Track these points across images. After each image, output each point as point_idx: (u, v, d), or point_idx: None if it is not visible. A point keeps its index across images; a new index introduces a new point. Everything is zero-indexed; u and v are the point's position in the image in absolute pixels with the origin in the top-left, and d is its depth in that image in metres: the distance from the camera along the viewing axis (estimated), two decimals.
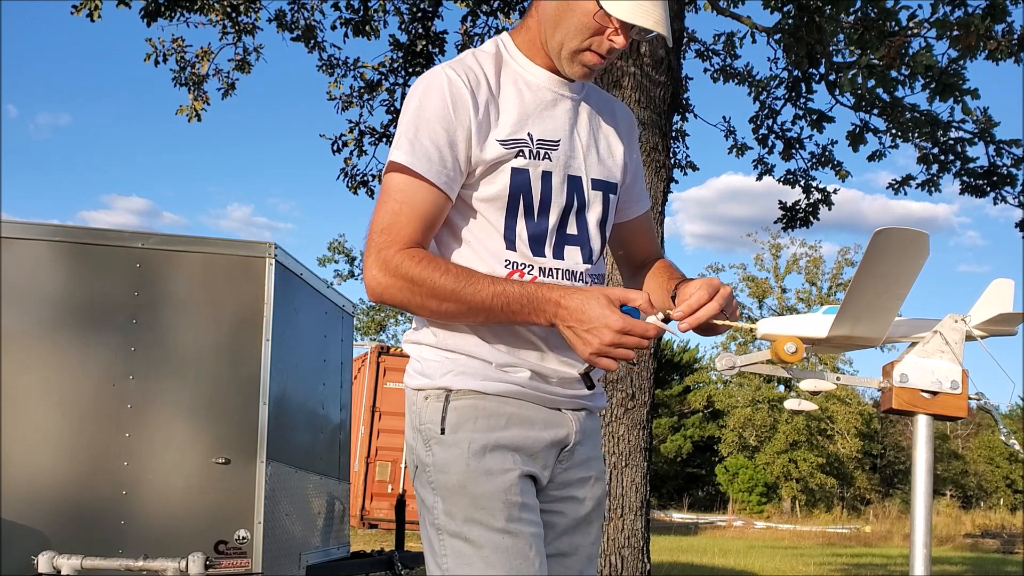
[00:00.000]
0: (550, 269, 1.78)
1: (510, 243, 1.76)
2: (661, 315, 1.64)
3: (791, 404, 1.99)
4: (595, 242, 1.85)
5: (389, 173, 1.75)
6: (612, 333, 1.60)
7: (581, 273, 1.81)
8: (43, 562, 3.48)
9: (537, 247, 1.77)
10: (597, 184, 1.85)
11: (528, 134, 1.77)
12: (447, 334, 1.77)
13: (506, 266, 1.75)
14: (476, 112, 1.72)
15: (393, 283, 1.68)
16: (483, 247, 1.76)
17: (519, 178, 1.75)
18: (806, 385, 1.78)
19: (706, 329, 1.71)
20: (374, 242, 1.71)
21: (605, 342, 1.61)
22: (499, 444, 1.72)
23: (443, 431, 1.73)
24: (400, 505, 6.65)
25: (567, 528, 1.84)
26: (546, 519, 1.81)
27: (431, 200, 1.71)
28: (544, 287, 1.67)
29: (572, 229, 1.81)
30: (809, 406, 1.96)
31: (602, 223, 1.87)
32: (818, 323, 1.74)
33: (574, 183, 1.81)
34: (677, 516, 28.91)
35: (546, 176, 1.77)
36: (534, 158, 1.76)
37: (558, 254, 1.79)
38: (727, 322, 1.68)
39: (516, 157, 1.75)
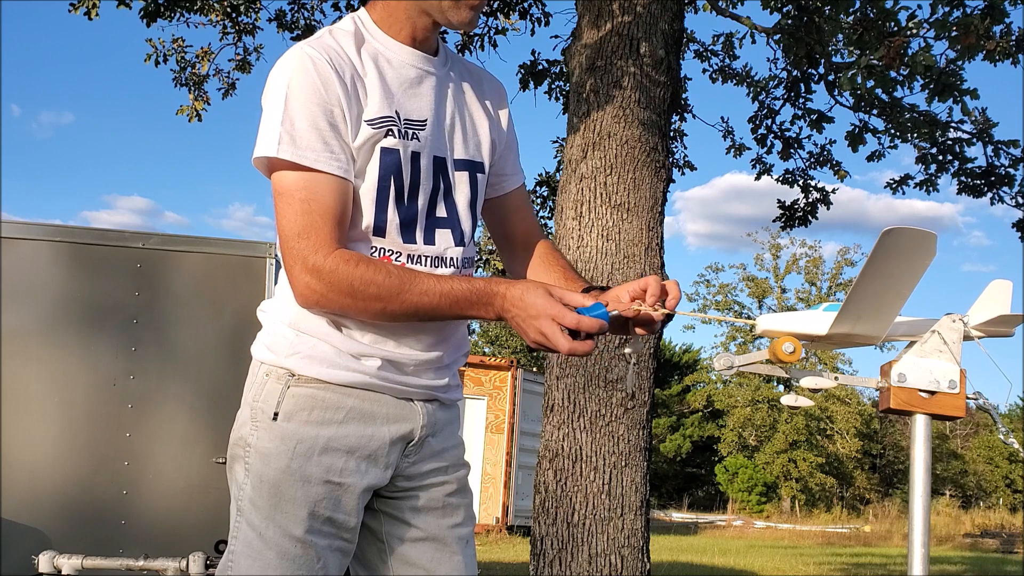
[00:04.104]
0: (419, 256, 1.72)
1: (379, 230, 1.69)
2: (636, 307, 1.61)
3: (788, 400, 1.99)
4: (466, 224, 1.79)
5: (279, 172, 1.62)
6: (550, 323, 1.56)
7: (452, 258, 1.76)
8: (44, 562, 3.49)
9: (407, 233, 1.71)
10: (461, 164, 1.79)
11: (395, 112, 1.69)
12: (301, 314, 1.70)
13: (371, 251, 1.69)
14: (345, 91, 1.63)
15: (330, 290, 1.60)
16: (349, 235, 1.68)
17: (389, 159, 1.67)
18: (805, 382, 1.78)
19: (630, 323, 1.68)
20: (295, 250, 1.60)
21: (544, 331, 1.56)
22: (331, 446, 1.68)
23: (276, 416, 1.68)
24: None
25: (427, 508, 1.79)
26: (400, 504, 1.78)
27: (335, 191, 1.62)
28: (490, 281, 1.62)
29: (441, 212, 1.75)
30: (806, 402, 1.96)
31: (472, 204, 1.81)
32: (817, 320, 1.75)
33: (439, 165, 1.75)
34: (677, 516, 28.91)
35: (415, 157, 1.70)
36: (403, 137, 1.68)
37: (429, 239, 1.74)
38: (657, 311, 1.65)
39: (386, 136, 1.67)
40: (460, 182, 1.79)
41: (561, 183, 4.77)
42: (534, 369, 18.55)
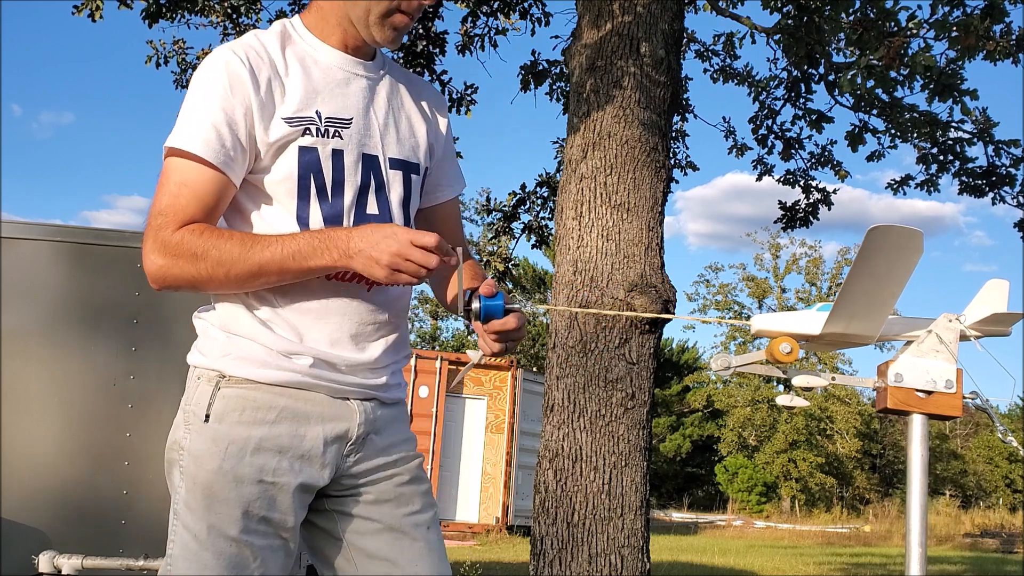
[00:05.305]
0: None
1: (304, 226, 1.71)
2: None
3: (783, 400, 2.00)
4: (398, 222, 1.80)
5: (168, 158, 1.67)
6: (398, 244, 1.58)
7: None
8: (44, 561, 3.49)
9: None
10: (395, 163, 1.80)
11: (316, 112, 1.71)
12: (230, 315, 1.72)
13: None
14: (257, 91, 1.66)
15: (174, 263, 1.62)
16: (276, 232, 1.70)
17: (307, 157, 1.70)
18: (799, 381, 1.78)
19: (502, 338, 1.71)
20: (150, 226, 1.64)
21: (394, 250, 1.58)
22: (263, 445, 1.68)
23: (207, 418, 1.70)
24: None
25: (380, 501, 1.79)
26: (349, 501, 1.78)
27: (210, 181, 1.65)
28: (333, 229, 1.66)
29: (373, 209, 1.76)
30: (802, 403, 1.96)
31: (405, 203, 1.82)
32: (811, 320, 1.74)
33: (370, 162, 1.76)
34: (677, 516, 28.90)
35: (337, 155, 1.72)
36: (322, 136, 1.70)
37: None
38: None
39: (303, 135, 1.69)
40: (394, 181, 1.80)
41: (561, 183, 4.77)
42: (534, 369, 18.55)
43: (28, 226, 4.29)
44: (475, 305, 1.65)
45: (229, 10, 7.41)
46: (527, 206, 8.27)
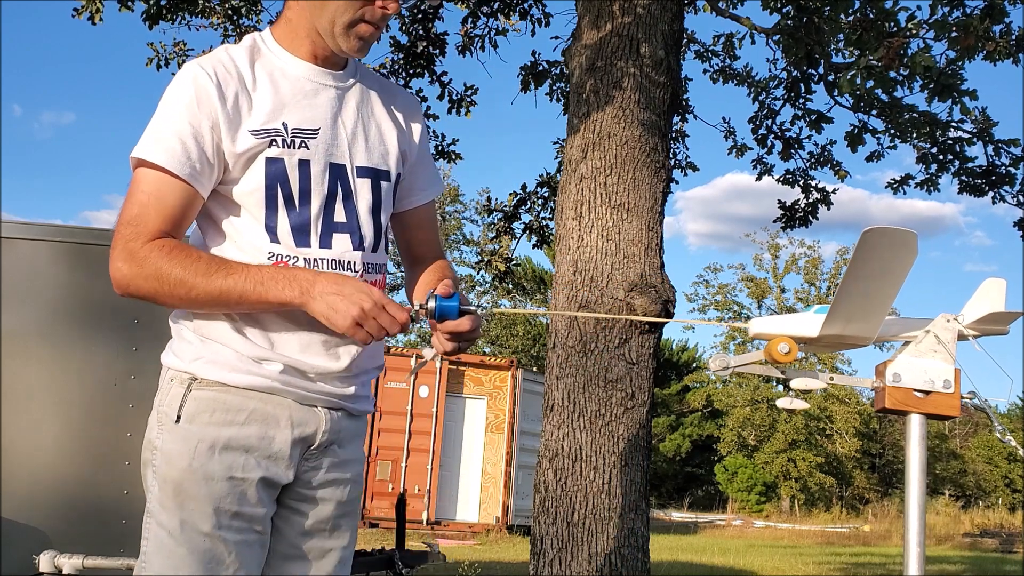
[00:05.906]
0: (316, 259, 1.76)
1: (272, 235, 1.74)
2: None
3: (783, 403, 2.00)
4: (367, 229, 1.82)
5: (136, 169, 1.72)
6: (371, 302, 1.62)
7: (352, 262, 1.79)
8: (44, 561, 3.50)
9: (301, 237, 1.75)
10: (363, 172, 1.83)
11: (283, 123, 1.74)
12: (204, 320, 1.76)
13: (269, 258, 1.74)
14: (223, 104, 1.70)
15: (138, 274, 1.66)
16: (246, 241, 1.74)
17: (274, 168, 1.73)
18: (797, 384, 1.79)
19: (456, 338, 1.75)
20: (120, 234, 1.69)
21: (366, 308, 1.61)
22: (231, 444, 1.71)
23: (178, 419, 1.72)
24: (400, 504, 6.63)
25: (310, 530, 1.83)
26: (288, 516, 1.82)
27: (178, 194, 1.69)
28: (300, 268, 1.70)
29: (340, 216, 1.79)
30: (801, 404, 1.97)
31: (374, 210, 1.84)
32: (809, 322, 1.75)
33: (337, 171, 1.79)
34: (676, 515, 28.90)
35: (303, 165, 1.75)
36: (288, 147, 1.74)
37: (325, 243, 1.77)
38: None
39: (269, 147, 1.73)
40: (362, 188, 1.83)
41: (561, 183, 4.78)
42: (534, 369, 18.56)
43: (28, 226, 4.29)
44: (431, 304, 1.70)
45: (230, 11, 7.41)
46: (528, 206, 8.28)
